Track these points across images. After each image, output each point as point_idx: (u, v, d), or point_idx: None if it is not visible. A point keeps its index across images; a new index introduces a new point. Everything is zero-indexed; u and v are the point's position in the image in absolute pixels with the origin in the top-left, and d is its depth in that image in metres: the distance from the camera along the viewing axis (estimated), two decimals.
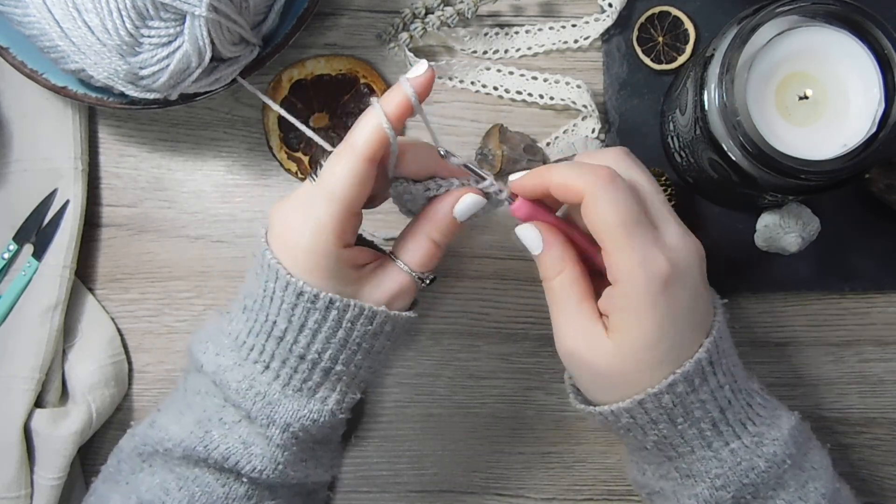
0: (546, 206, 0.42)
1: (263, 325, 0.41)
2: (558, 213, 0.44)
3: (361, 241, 0.48)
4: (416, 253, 0.42)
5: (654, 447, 0.41)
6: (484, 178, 0.41)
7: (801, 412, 0.43)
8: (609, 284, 0.39)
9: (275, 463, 0.41)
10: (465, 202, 0.41)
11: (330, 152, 0.41)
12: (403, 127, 0.49)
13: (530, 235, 0.41)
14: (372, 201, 0.43)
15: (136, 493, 0.41)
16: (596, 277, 0.41)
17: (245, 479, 0.42)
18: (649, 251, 0.37)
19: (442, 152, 0.41)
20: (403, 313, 0.42)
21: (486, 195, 0.42)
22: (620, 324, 0.38)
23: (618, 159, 0.40)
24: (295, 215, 0.40)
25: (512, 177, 0.41)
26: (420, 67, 0.39)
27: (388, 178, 0.42)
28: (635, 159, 0.41)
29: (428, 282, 0.43)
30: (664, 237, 0.38)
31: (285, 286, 0.39)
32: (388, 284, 0.41)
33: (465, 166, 0.41)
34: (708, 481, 0.40)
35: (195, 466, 0.41)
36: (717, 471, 0.40)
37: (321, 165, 0.40)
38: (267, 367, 0.41)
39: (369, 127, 0.39)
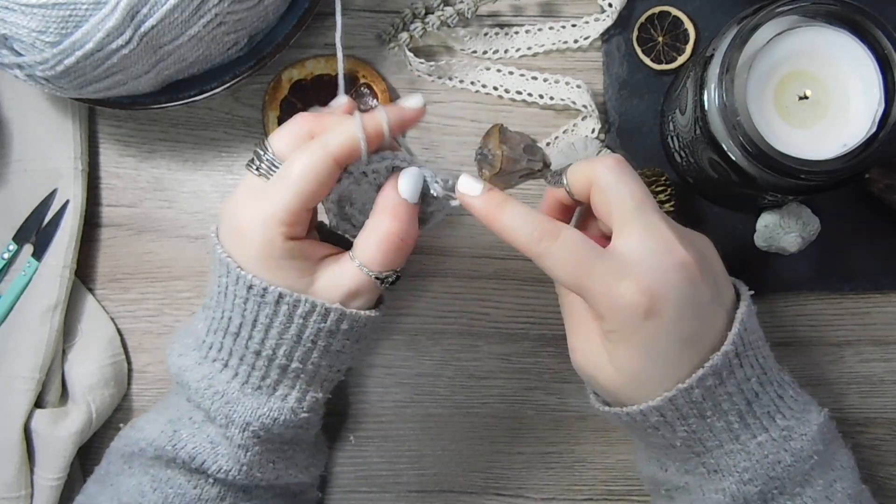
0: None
1: (220, 321, 0.40)
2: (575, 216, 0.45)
3: (331, 236, 0.47)
4: (375, 251, 0.40)
5: (682, 444, 0.40)
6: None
7: None
8: None
9: (238, 464, 0.41)
10: (405, 178, 0.41)
11: (260, 141, 0.41)
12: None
13: (467, 184, 0.41)
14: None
15: (118, 496, 0.42)
16: None
17: (213, 480, 0.41)
18: (616, 288, 0.37)
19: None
20: (362, 312, 0.41)
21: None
22: (612, 349, 0.39)
23: (608, 170, 0.39)
24: (245, 205, 0.39)
25: (460, 185, 0.40)
26: (413, 101, 0.39)
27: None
28: (626, 169, 0.40)
29: (390, 281, 0.41)
30: (638, 260, 0.38)
31: (236, 280, 0.39)
32: (343, 283, 0.40)
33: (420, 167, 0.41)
34: (735, 475, 0.40)
35: (167, 467, 0.41)
36: (744, 464, 0.39)
37: (259, 156, 0.40)
38: (226, 366, 0.41)
39: (347, 134, 0.38)
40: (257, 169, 0.40)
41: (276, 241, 0.38)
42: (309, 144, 0.39)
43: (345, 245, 0.43)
